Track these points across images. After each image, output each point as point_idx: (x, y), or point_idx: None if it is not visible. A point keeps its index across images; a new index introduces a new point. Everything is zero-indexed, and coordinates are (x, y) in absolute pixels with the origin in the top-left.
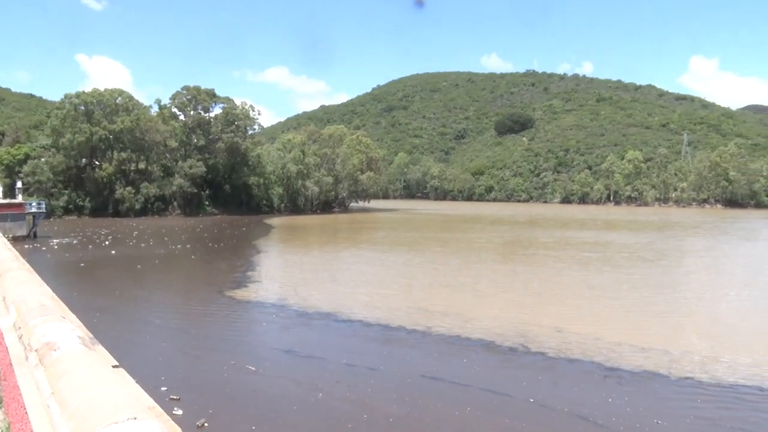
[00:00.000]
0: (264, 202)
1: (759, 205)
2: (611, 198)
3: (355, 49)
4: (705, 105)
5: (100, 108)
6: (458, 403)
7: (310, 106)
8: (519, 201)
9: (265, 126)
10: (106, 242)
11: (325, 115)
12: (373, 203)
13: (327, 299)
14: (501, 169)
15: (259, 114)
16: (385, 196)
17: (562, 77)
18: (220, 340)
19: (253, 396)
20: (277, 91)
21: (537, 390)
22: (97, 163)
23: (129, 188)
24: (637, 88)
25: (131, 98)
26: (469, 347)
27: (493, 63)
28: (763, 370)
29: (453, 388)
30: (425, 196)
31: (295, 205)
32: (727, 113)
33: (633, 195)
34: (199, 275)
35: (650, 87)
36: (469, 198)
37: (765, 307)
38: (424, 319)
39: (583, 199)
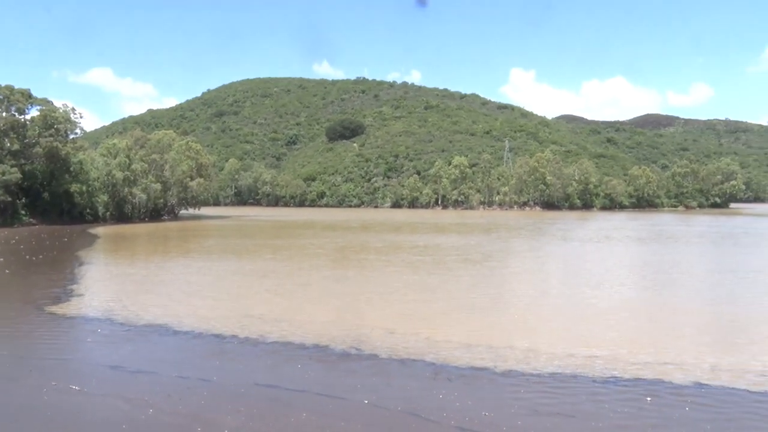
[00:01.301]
0: (88, 210)
1: (572, 207)
2: (439, 202)
3: (184, 52)
4: (524, 114)
5: None
6: (294, 410)
7: (137, 109)
8: (351, 206)
9: (88, 130)
10: None
11: (153, 120)
12: (204, 210)
13: (156, 311)
14: (332, 174)
15: (81, 117)
16: (216, 203)
17: (392, 85)
18: (40, 359)
19: (77, 417)
20: (100, 93)
21: (371, 391)
22: None
23: None
24: (463, 96)
25: None
26: (303, 353)
27: (325, 70)
28: (577, 359)
29: (288, 394)
30: (257, 203)
31: (121, 213)
32: (543, 122)
33: (460, 199)
34: (14, 291)
35: (474, 96)
36: (302, 204)
37: (578, 302)
38: (257, 326)
39: (413, 204)
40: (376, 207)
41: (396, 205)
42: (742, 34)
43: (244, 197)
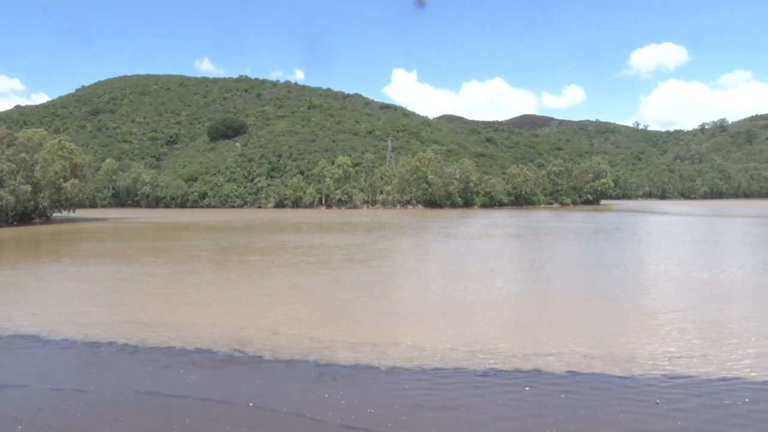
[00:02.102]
0: None
1: (453, 205)
2: (323, 202)
3: (53, 45)
4: (406, 114)
5: None
6: (176, 416)
7: (3, 106)
8: (234, 207)
9: None
10: None
11: (21, 117)
12: (80, 213)
13: (27, 320)
14: (215, 175)
15: None
16: (93, 205)
17: (275, 84)
18: None
19: None
20: None
21: (256, 393)
22: None
23: None
24: (346, 96)
25: None
26: (184, 358)
27: (206, 68)
28: (460, 353)
29: (170, 401)
30: (136, 204)
31: None
32: (425, 122)
33: (343, 198)
34: None
35: (357, 96)
36: (183, 205)
37: (461, 298)
38: (135, 332)
39: (297, 204)
40: (259, 207)
41: (279, 205)
42: (611, 42)
43: (123, 199)
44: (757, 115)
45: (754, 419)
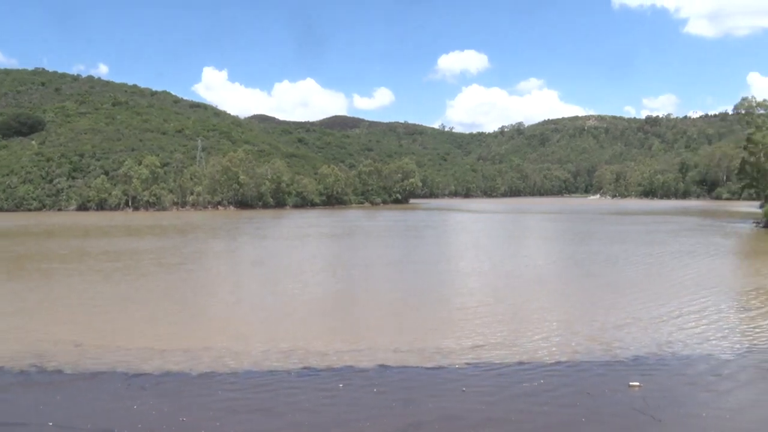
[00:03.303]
0: None
1: (266, 206)
2: (130, 204)
3: None
4: (217, 113)
5: None
6: None
7: None
8: (30, 210)
9: None
10: None
11: None
12: None
13: None
14: (7, 175)
15: None
16: None
17: (76, 78)
18: None
19: None
20: None
21: (55, 411)
22: None
23: None
24: (153, 93)
25: None
26: None
27: None
28: (273, 355)
29: None
30: None
31: None
32: (236, 122)
33: (151, 200)
34: None
35: (166, 93)
36: None
37: (275, 299)
38: None
39: (102, 206)
40: (60, 210)
41: (82, 207)
42: (419, 47)
43: None
44: (549, 119)
45: (549, 397)
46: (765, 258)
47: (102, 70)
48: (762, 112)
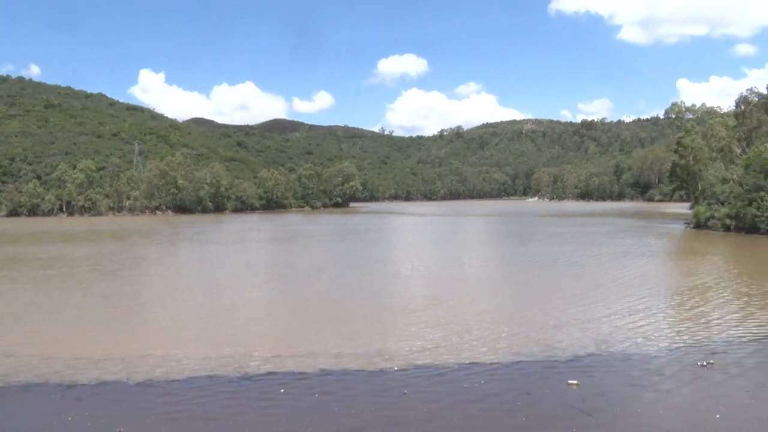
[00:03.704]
0: None
1: (205, 210)
2: (64, 209)
3: None
4: (154, 116)
5: None
6: None
7: None
8: None
9: None
10: None
11: None
12: None
13: None
14: None
15: None
16: None
17: (6, 79)
18: None
19: None
20: None
21: None
22: None
23: None
24: (88, 96)
25: None
26: None
27: None
28: (213, 361)
29: None
30: None
31: None
32: (174, 125)
33: (87, 205)
34: None
35: (101, 96)
36: None
37: (214, 305)
38: None
39: (34, 211)
40: None
41: (13, 213)
42: (359, 51)
43: None
44: (487, 123)
45: (487, 395)
46: (697, 258)
47: (34, 71)
48: (691, 116)
